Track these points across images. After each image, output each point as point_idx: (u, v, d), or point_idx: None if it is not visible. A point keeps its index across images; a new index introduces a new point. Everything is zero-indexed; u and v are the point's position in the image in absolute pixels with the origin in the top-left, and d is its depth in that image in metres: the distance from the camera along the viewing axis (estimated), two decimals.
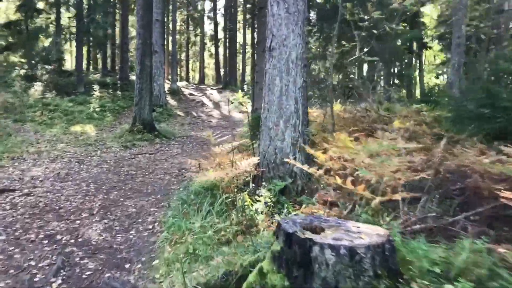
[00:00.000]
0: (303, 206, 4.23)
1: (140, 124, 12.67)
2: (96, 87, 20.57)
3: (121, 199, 5.95)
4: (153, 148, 11.12)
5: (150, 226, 4.75)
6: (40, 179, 6.96)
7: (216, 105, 23.70)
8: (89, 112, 16.70)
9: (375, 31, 6.80)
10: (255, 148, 6.63)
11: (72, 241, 4.20)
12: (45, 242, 4.12)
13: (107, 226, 4.71)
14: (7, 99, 15.21)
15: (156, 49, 18.61)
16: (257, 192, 4.78)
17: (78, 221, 4.81)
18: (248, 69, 41.44)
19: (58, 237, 4.25)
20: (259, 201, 4.58)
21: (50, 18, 23.01)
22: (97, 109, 17.30)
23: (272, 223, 4.16)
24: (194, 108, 21.95)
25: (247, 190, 4.79)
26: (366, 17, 6.70)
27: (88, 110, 16.95)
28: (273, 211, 4.49)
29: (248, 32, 34.15)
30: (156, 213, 5.21)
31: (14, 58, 24.83)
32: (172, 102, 21.79)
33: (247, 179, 5.14)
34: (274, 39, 5.14)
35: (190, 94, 25.54)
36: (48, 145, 10.88)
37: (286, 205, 4.57)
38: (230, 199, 4.70)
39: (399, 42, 16.39)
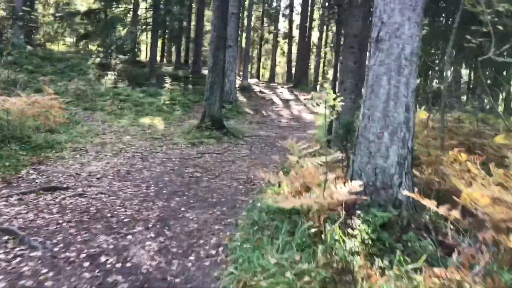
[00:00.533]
0: (421, 258, 3.11)
1: (209, 120, 11.99)
2: (167, 79, 20.38)
3: (182, 208, 5.14)
4: (220, 147, 10.36)
5: (213, 252, 3.85)
6: (98, 176, 6.36)
7: (286, 104, 22.74)
8: (159, 105, 16.38)
9: (500, 27, 5.49)
10: (340, 163, 5.59)
11: (119, 265, 3.39)
12: (86, 265, 3.34)
13: (162, 246, 3.87)
14: (79, 87, 15.21)
15: (230, 43, 18.00)
16: (350, 222, 3.74)
17: (129, 236, 4.03)
18: (322, 68, 40.10)
19: (103, 259, 3.46)
20: (353, 236, 3.54)
21: (128, 7, 23.17)
22: (167, 102, 16.97)
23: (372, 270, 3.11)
24: (264, 106, 21.14)
25: (337, 218, 3.76)
26: (488, 10, 5.42)
27: (158, 102, 16.66)
28: (372, 252, 3.43)
29: (324, 30, 32.80)
30: (221, 233, 4.31)
31: (92, 47, 25.49)
32: (242, 99, 21.13)
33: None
34: (384, 27, 4.02)
35: (260, 91, 24.79)
36: (114, 136, 10.46)
37: (388, 244, 3.49)
38: (314, 230, 3.70)
39: None
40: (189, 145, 10.16)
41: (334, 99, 3.95)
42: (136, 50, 26.98)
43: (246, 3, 29.90)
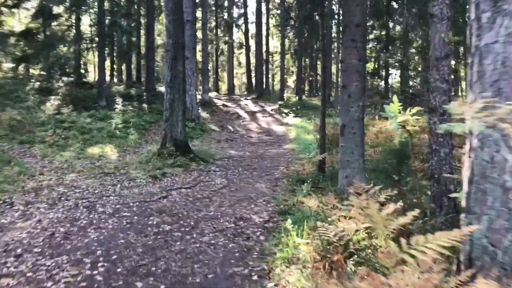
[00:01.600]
0: None
1: (172, 145, 10.02)
2: (119, 100, 18.19)
3: None
4: (189, 178, 8.41)
5: None
6: (18, 250, 4.29)
7: (253, 117, 21.00)
8: (110, 130, 14.21)
9: None
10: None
11: None
12: None
13: None
14: (13, 117, 12.82)
15: (187, 54, 16.10)
16: None
17: None
18: (280, 77, 38.77)
19: None
20: None
21: (68, 23, 20.80)
22: (120, 126, 14.81)
23: None
24: (229, 121, 19.29)
25: None
26: None
27: (109, 127, 14.47)
28: None
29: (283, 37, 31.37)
30: None
31: (34, 71, 22.83)
32: (204, 114, 19.21)
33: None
34: None
35: (223, 105, 22.96)
36: (54, 176, 8.31)
37: None
38: None
39: None
40: (150, 179, 8.15)
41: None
42: (82, 70, 24.52)
43: (199, 13, 28.08)
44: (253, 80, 36.36)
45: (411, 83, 23.18)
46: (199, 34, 28.76)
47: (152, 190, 7.25)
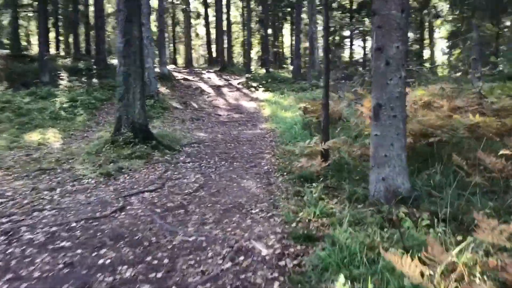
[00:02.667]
0: None
1: (129, 129, 8.08)
2: (64, 75, 15.75)
3: None
4: (153, 174, 6.55)
5: None
6: None
7: (219, 92, 19.07)
8: (54, 110, 12.01)
9: None
10: None
11: None
12: None
13: None
14: None
15: (143, 20, 13.90)
16: None
17: None
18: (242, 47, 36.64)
19: None
20: None
21: None
22: (66, 105, 12.59)
23: None
24: (193, 97, 17.29)
25: None
26: None
27: (52, 106, 12.24)
28: None
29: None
30: None
31: None
32: (164, 90, 17.10)
33: None
34: None
35: (184, 79, 20.83)
36: None
37: None
38: None
39: None
40: (101, 178, 6.25)
41: None
42: (20, 41, 21.60)
43: None
44: (214, 52, 34.09)
45: None
46: (153, 3, 26.12)
47: (105, 196, 5.37)
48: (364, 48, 26.38)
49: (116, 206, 4.87)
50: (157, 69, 19.59)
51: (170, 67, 25.99)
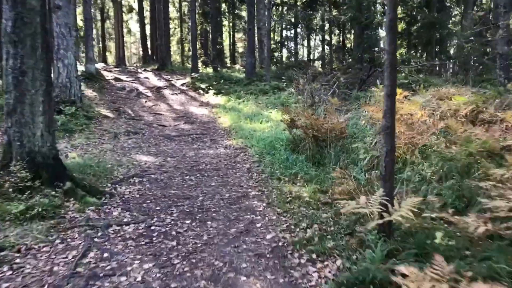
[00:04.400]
0: None
1: (25, 164, 4.78)
2: None
3: None
4: (62, 262, 3.38)
5: None
6: None
7: (159, 95, 15.78)
8: None
9: None
10: None
11: None
12: None
13: None
14: None
15: (59, 2, 10.44)
16: None
17: None
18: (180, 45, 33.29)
19: None
20: None
21: None
22: None
23: None
24: (128, 102, 13.89)
25: None
26: None
27: None
28: None
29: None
30: None
31: None
32: (90, 93, 13.54)
33: None
34: None
35: (116, 79, 17.27)
36: None
37: None
38: None
39: None
40: None
41: None
42: None
43: None
44: (149, 50, 30.45)
45: None
46: None
47: None
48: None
49: None
50: (81, 67, 15.92)
51: (99, 65, 22.10)
